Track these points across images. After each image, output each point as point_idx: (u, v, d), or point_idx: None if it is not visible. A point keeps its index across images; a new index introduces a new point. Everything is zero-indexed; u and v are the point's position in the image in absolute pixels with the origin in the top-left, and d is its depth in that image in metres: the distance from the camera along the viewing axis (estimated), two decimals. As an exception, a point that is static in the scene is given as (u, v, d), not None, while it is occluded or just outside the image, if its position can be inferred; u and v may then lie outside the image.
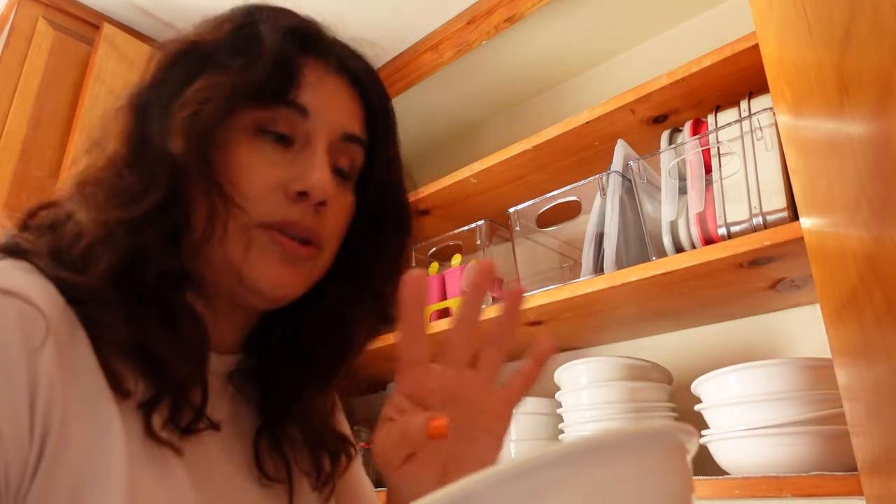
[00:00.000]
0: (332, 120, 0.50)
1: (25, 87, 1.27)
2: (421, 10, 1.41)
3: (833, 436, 0.77)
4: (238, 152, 0.47)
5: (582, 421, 1.00)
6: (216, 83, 0.46)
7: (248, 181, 0.46)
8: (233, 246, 0.46)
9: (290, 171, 0.48)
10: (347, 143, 0.52)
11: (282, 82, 0.48)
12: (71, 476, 0.36)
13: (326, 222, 0.50)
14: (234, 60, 0.47)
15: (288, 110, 0.48)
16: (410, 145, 1.98)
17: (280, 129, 0.48)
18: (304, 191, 0.47)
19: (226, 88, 0.46)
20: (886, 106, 0.37)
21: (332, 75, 0.51)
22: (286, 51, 0.48)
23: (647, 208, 1.01)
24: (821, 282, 0.58)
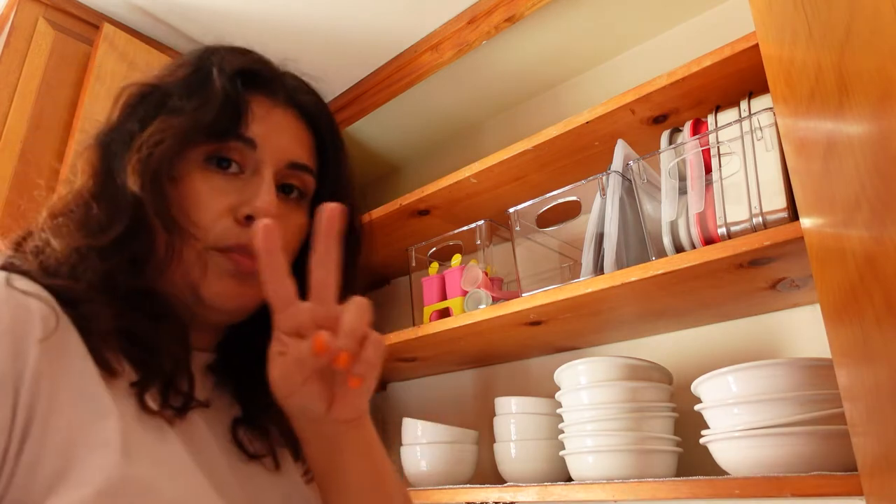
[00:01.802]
0: (278, 149, 0.55)
1: (25, 87, 1.27)
2: (421, 10, 1.41)
3: (833, 436, 0.78)
4: (191, 184, 0.52)
5: (582, 421, 1.00)
6: (169, 125, 0.51)
7: (201, 210, 0.52)
8: (191, 269, 0.51)
9: (239, 198, 0.53)
10: (295, 170, 0.57)
11: (230, 119, 0.53)
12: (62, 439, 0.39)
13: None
14: (187, 103, 0.53)
15: (237, 143, 0.53)
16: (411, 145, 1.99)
17: (231, 157, 0.54)
18: (251, 214, 0.52)
19: (178, 130, 0.51)
20: (886, 106, 0.37)
21: (279, 108, 0.57)
22: (234, 90, 0.54)
23: (647, 208, 1.01)
24: (821, 282, 0.58)
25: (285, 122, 0.57)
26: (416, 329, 1.26)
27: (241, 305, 0.54)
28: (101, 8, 1.41)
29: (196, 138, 0.52)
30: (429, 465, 1.25)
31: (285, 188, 0.57)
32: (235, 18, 1.40)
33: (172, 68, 0.56)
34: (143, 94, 0.54)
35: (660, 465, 0.96)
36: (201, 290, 0.51)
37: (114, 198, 0.50)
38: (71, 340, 0.44)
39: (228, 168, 0.53)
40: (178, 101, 0.53)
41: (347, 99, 1.65)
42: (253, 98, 0.55)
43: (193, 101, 0.52)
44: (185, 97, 0.53)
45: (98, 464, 0.39)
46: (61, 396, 0.41)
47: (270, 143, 0.54)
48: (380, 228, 1.46)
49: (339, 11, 1.41)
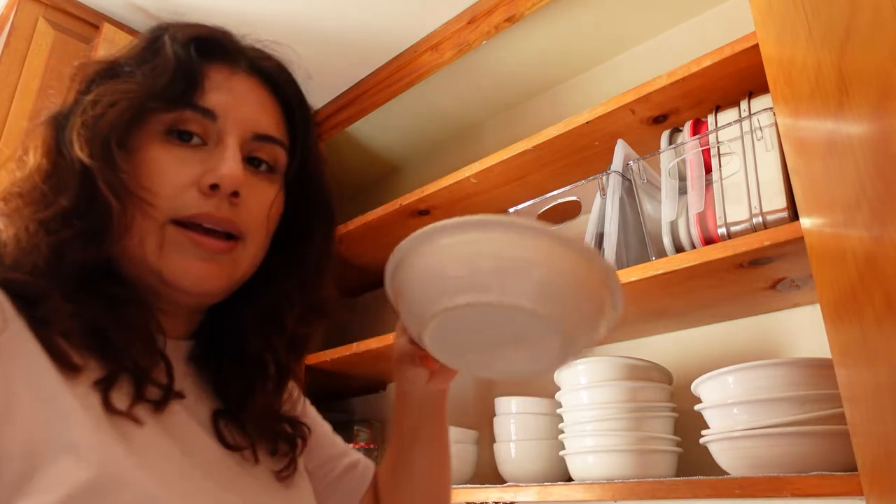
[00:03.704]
0: (241, 119, 0.53)
1: (25, 87, 1.27)
2: (421, 10, 1.41)
3: (833, 436, 0.77)
4: (149, 154, 0.50)
5: (582, 421, 1.00)
6: (117, 90, 0.50)
7: (160, 180, 0.49)
8: (148, 244, 0.49)
9: (202, 168, 0.50)
10: (262, 142, 0.54)
11: (185, 86, 0.51)
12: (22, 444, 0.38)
13: (244, 213, 0.52)
14: (137, 70, 0.51)
15: (194, 113, 0.51)
16: (411, 145, 1.98)
17: (189, 129, 0.51)
18: (215, 183, 0.50)
19: (127, 94, 0.49)
20: (886, 106, 0.37)
21: (240, 77, 0.55)
22: (187, 56, 0.52)
23: (647, 208, 1.01)
24: (821, 282, 0.58)
25: (248, 90, 0.54)
26: (416, 329, 1.25)
27: (207, 286, 0.51)
28: (101, 8, 1.41)
29: (147, 104, 0.49)
30: (429, 465, 1.25)
31: (253, 161, 0.54)
32: (235, 18, 1.40)
33: (130, 45, 0.55)
34: (97, 70, 0.53)
35: (660, 465, 0.96)
36: (161, 268, 0.49)
37: (61, 170, 0.48)
38: (23, 340, 0.42)
39: (190, 140, 0.51)
40: (128, 70, 0.51)
41: (347, 99, 1.65)
42: (210, 66, 0.53)
43: (144, 69, 0.51)
44: (137, 66, 0.51)
45: (64, 468, 0.38)
46: (18, 400, 0.39)
47: (232, 113, 0.52)
48: (380, 228, 1.46)
49: (339, 11, 1.41)
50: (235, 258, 0.52)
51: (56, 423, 0.40)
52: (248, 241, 0.53)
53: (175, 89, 0.50)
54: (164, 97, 0.50)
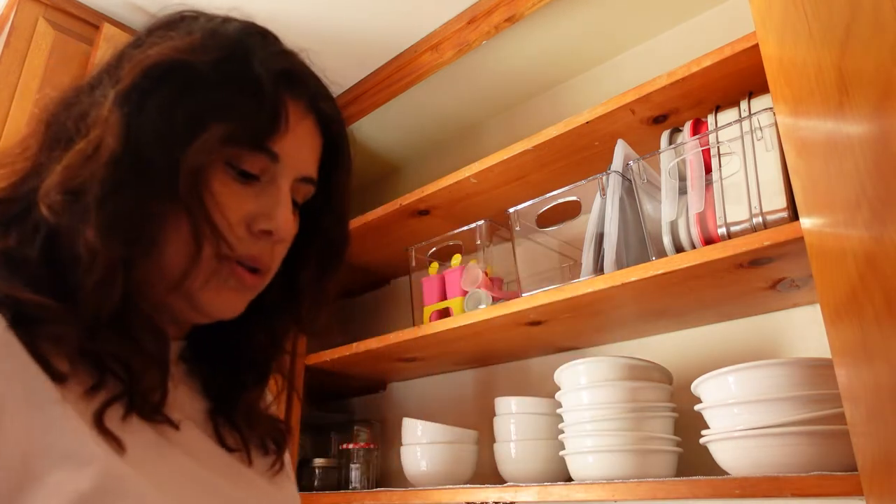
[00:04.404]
0: (297, 164, 0.53)
1: (25, 87, 1.27)
2: (421, 10, 1.41)
3: (833, 436, 0.78)
4: (209, 184, 0.48)
5: (582, 421, 1.00)
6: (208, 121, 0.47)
7: (218, 214, 0.48)
8: (194, 273, 0.48)
9: (254, 207, 0.50)
10: (304, 183, 0.55)
11: (268, 130, 0.50)
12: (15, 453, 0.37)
13: (278, 254, 0.54)
14: (228, 98, 0.48)
15: (262, 154, 0.50)
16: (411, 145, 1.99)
17: (249, 169, 0.50)
18: (268, 230, 0.50)
19: (218, 129, 0.47)
20: (886, 106, 0.37)
21: (305, 118, 0.54)
22: (277, 97, 0.50)
23: (647, 208, 1.01)
24: (821, 282, 0.58)
25: (307, 133, 0.54)
26: (416, 329, 1.26)
27: (232, 314, 0.52)
28: (101, 8, 1.41)
29: (224, 136, 0.47)
30: (429, 465, 1.25)
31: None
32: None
33: (201, 42, 0.49)
34: (169, 66, 0.47)
35: (660, 465, 0.96)
36: (200, 297, 0.49)
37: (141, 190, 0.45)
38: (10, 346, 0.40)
39: (247, 178, 0.50)
40: (216, 93, 0.48)
41: (347, 99, 1.65)
42: (289, 105, 0.52)
43: (233, 98, 0.48)
44: (222, 88, 0.48)
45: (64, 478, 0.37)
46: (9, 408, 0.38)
47: (292, 157, 0.52)
48: (380, 228, 1.47)
49: (339, 11, 1.41)
50: (258, 287, 0.54)
51: (50, 430, 0.39)
52: (270, 274, 0.55)
53: (259, 130, 0.49)
54: (247, 137, 0.49)
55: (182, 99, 0.47)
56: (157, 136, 0.46)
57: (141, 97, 0.47)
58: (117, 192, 0.44)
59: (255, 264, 0.51)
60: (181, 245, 0.47)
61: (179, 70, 0.48)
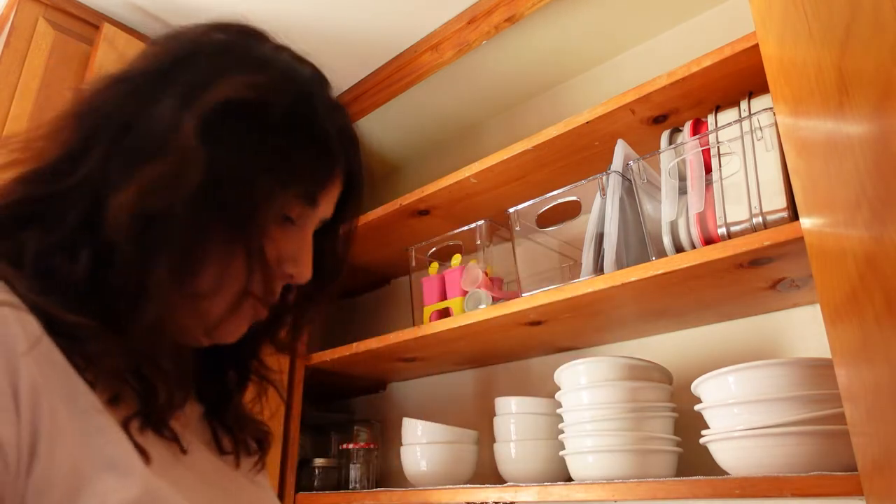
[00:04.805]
0: (325, 212, 0.56)
1: (25, 87, 1.26)
2: (421, 10, 1.41)
3: (833, 436, 0.78)
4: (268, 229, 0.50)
5: (582, 421, 1.00)
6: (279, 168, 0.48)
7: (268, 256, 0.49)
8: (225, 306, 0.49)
9: (286, 250, 0.52)
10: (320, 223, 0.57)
11: (322, 185, 0.53)
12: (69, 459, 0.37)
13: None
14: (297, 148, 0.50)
15: (309, 204, 0.52)
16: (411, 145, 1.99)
17: (291, 214, 0.52)
18: (292, 274, 0.52)
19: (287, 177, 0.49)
20: (886, 106, 0.37)
21: (342, 177, 0.56)
22: (336, 156, 0.53)
23: (647, 208, 1.01)
24: (821, 282, 0.58)
25: (339, 184, 0.56)
26: (416, 329, 1.26)
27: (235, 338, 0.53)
28: (101, 8, 1.41)
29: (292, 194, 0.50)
30: (429, 465, 1.25)
31: None
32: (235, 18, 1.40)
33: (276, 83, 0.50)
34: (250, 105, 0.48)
35: (660, 465, 0.96)
36: (219, 327, 0.50)
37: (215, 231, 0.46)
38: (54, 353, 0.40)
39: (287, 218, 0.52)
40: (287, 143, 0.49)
41: (347, 99, 1.65)
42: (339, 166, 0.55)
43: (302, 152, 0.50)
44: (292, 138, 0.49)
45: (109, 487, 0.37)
46: (60, 413, 0.38)
47: (326, 209, 0.55)
48: (380, 228, 1.47)
49: (339, 11, 1.41)
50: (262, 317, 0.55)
51: (94, 438, 0.39)
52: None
53: (317, 184, 0.52)
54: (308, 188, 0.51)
55: (259, 143, 0.48)
56: (236, 177, 0.47)
57: (221, 133, 0.46)
58: (195, 232, 0.45)
59: (271, 299, 0.52)
60: (229, 281, 0.48)
61: (257, 111, 0.48)
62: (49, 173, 0.45)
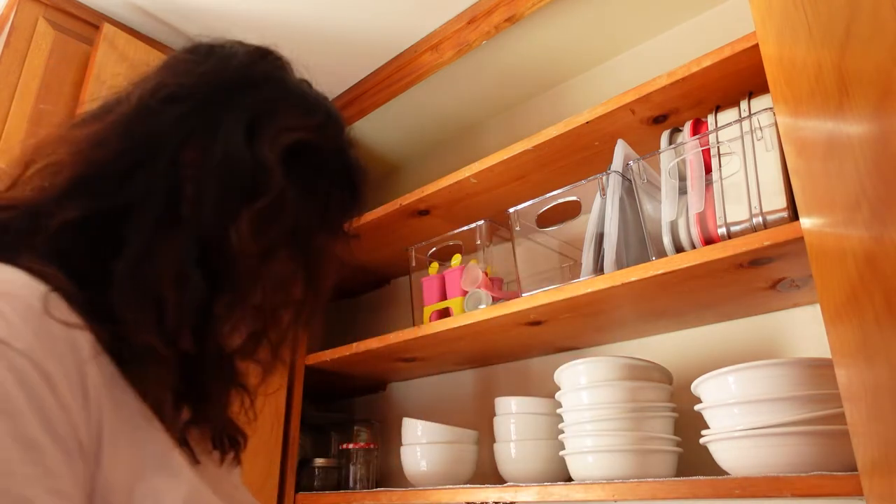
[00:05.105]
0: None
1: (25, 87, 1.26)
2: (421, 10, 1.41)
3: (833, 436, 0.78)
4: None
5: (582, 421, 1.00)
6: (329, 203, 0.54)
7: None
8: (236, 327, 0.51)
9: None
10: None
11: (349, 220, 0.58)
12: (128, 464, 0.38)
13: None
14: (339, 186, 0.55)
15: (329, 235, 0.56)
16: (411, 145, 1.99)
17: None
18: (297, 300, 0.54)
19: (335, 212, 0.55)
20: (886, 106, 0.37)
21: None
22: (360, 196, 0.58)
23: (647, 208, 1.01)
24: (821, 282, 0.58)
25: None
26: (416, 329, 1.26)
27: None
28: (101, 8, 1.41)
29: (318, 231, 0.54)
30: (429, 465, 1.25)
31: None
32: (235, 18, 1.40)
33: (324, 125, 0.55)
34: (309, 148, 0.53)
35: (660, 465, 0.96)
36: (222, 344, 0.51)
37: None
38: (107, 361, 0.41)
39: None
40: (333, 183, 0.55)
41: (347, 99, 1.65)
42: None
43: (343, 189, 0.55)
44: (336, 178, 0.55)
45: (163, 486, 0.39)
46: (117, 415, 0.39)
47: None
48: (380, 228, 1.47)
49: (339, 11, 1.41)
50: None
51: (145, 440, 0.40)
52: None
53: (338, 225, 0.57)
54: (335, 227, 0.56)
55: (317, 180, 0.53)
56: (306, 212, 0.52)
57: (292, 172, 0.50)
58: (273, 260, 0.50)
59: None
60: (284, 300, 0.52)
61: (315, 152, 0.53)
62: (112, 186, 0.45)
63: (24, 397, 0.32)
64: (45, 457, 0.32)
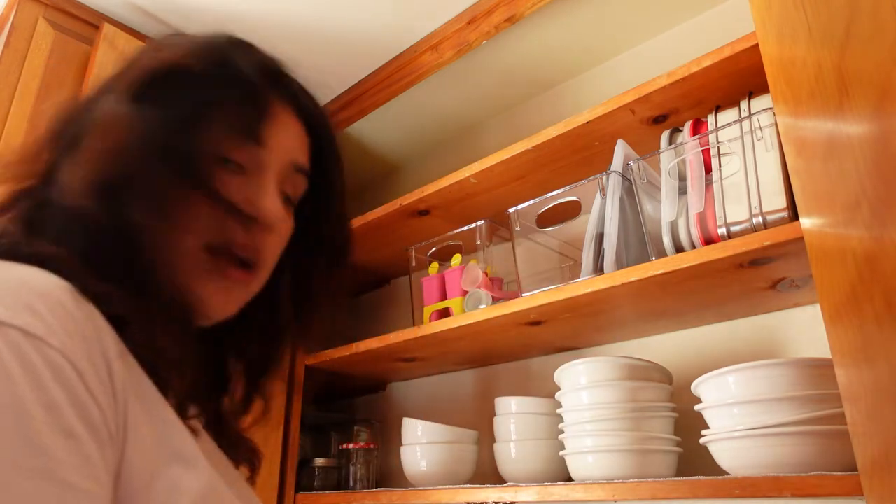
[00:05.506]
0: (284, 152, 0.54)
1: (25, 87, 1.26)
2: (421, 10, 1.41)
3: (833, 436, 0.78)
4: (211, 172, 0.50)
5: (582, 421, 1.00)
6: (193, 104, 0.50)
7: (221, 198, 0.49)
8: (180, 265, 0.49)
9: (241, 196, 0.51)
10: (295, 173, 0.56)
11: (250, 118, 0.52)
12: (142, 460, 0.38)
13: (270, 246, 0.53)
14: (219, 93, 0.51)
15: (248, 142, 0.52)
16: (411, 145, 1.99)
17: (237, 159, 0.52)
18: (257, 217, 0.51)
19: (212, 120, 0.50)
20: (886, 106, 0.37)
21: (287, 110, 0.56)
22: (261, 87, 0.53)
23: (647, 208, 1.01)
24: (821, 282, 0.58)
25: (291, 124, 0.56)
26: (416, 329, 1.26)
27: (220, 315, 0.52)
28: (101, 8, 1.41)
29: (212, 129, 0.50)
30: (429, 465, 1.25)
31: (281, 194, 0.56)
32: (235, 18, 1.40)
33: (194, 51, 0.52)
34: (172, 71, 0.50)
35: (660, 465, 0.96)
36: (188, 291, 0.49)
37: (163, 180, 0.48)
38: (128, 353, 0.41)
39: (233, 167, 0.52)
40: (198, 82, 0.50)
41: (347, 99, 1.65)
42: (272, 98, 0.54)
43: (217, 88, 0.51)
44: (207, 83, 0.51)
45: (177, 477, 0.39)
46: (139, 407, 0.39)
47: (279, 146, 0.54)
48: (380, 228, 1.47)
49: (339, 11, 1.41)
50: (249, 287, 0.53)
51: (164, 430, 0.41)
52: (263, 271, 0.54)
53: (246, 120, 0.51)
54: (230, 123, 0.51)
55: (182, 97, 0.50)
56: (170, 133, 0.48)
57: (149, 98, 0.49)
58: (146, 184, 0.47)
59: (244, 253, 0.51)
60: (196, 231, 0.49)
61: (179, 73, 0.50)
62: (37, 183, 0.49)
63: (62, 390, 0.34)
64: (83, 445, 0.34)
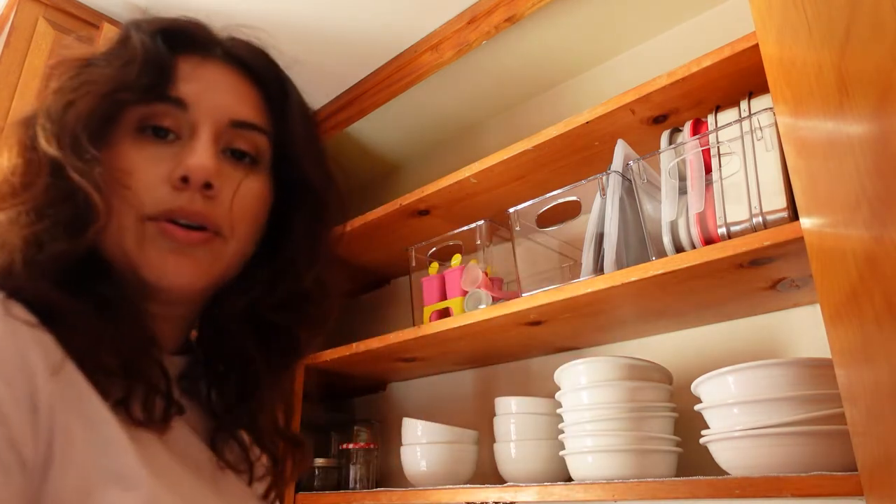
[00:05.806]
0: (214, 108, 0.52)
1: (25, 87, 1.27)
2: (421, 10, 1.41)
3: (833, 436, 0.78)
4: (122, 150, 0.49)
5: (582, 421, 1.00)
6: (87, 81, 0.49)
7: (132, 177, 0.48)
8: (125, 240, 0.48)
9: (174, 162, 0.49)
10: (239, 129, 0.53)
11: (154, 77, 0.50)
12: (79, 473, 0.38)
13: (219, 207, 0.51)
14: (107, 65, 0.50)
15: (166, 105, 0.50)
16: (411, 145, 1.99)
17: (162, 124, 0.50)
18: (185, 175, 0.48)
19: (96, 85, 0.48)
20: (886, 106, 0.37)
21: (212, 65, 0.53)
22: (155, 48, 0.51)
23: (647, 208, 1.01)
24: (821, 282, 0.58)
25: (221, 77, 0.53)
26: (416, 329, 1.26)
27: (184, 280, 0.49)
28: (101, 8, 1.41)
29: (116, 96, 0.48)
30: (429, 465, 1.25)
31: (235, 153, 0.53)
32: (235, 19, 1.40)
33: (103, 42, 0.53)
34: (70, 66, 0.51)
35: (660, 465, 0.96)
36: (139, 264, 0.48)
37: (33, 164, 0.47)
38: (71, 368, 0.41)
39: (165, 137, 0.50)
40: (99, 64, 0.50)
41: (347, 99, 1.65)
42: (180, 57, 0.52)
43: (114, 62, 0.50)
44: (106, 60, 0.50)
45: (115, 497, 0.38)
46: (73, 428, 0.39)
47: (204, 102, 0.51)
48: (380, 228, 1.47)
49: (339, 11, 1.41)
50: (214, 253, 0.51)
51: (103, 451, 0.40)
52: (229, 236, 0.51)
53: (144, 80, 0.49)
54: (133, 88, 0.49)
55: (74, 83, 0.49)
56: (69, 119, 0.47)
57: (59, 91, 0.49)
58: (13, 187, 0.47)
59: (190, 219, 0.49)
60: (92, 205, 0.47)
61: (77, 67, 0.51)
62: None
63: None
64: None
